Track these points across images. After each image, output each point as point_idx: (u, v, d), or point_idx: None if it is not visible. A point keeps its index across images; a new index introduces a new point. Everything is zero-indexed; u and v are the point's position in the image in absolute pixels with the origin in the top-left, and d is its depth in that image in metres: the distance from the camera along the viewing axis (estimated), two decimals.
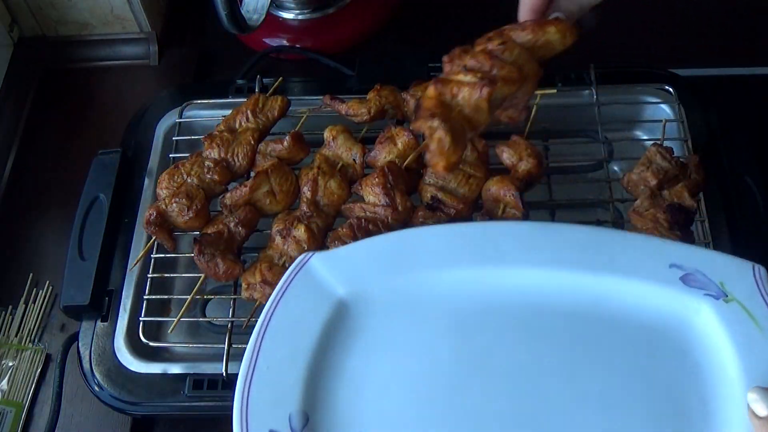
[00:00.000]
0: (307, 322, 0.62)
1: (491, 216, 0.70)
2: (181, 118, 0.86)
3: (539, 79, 0.60)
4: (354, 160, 0.77)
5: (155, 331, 0.80)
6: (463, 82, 0.56)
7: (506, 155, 0.75)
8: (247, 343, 0.74)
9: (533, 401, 0.58)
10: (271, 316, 0.62)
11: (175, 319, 0.72)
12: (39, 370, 0.80)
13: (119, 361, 0.73)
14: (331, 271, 0.64)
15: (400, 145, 0.74)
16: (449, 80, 0.57)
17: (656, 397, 0.58)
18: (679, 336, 0.61)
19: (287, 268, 0.71)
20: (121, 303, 0.76)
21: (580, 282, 0.62)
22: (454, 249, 0.65)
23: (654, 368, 0.60)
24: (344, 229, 0.70)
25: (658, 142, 0.74)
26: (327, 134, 0.78)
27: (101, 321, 0.76)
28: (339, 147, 0.78)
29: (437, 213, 0.71)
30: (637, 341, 0.61)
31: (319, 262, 0.65)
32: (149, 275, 0.76)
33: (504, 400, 0.58)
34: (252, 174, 0.76)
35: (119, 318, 0.75)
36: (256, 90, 0.86)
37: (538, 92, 0.79)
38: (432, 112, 0.55)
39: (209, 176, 0.76)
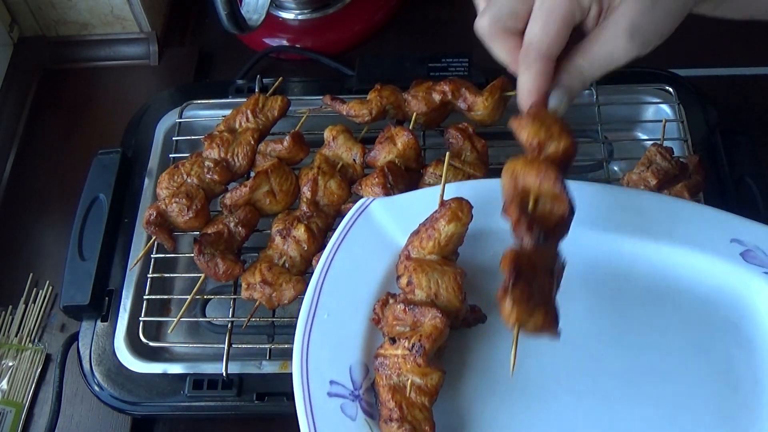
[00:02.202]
0: (367, 269, 0.59)
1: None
2: (181, 118, 0.86)
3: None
4: (354, 160, 0.77)
5: (155, 331, 0.80)
6: (397, 356, 0.54)
7: (525, 134, 0.53)
8: (247, 343, 0.74)
9: (586, 363, 0.57)
10: (330, 263, 0.59)
11: (175, 319, 0.72)
12: (39, 370, 0.80)
13: (119, 361, 0.73)
14: (392, 218, 0.61)
15: (400, 145, 0.74)
16: (385, 356, 0.55)
17: (708, 370, 0.57)
18: (735, 311, 0.60)
19: (287, 268, 0.71)
20: (121, 303, 0.76)
21: (639, 248, 0.61)
22: None
23: (707, 341, 0.59)
24: None
25: (658, 142, 0.74)
26: (327, 134, 0.78)
27: (101, 321, 0.76)
28: (339, 147, 0.78)
29: None
30: (692, 312, 0.60)
31: (379, 207, 0.62)
32: (149, 275, 0.76)
33: (557, 362, 0.57)
34: (252, 174, 0.76)
35: (119, 318, 0.76)
36: (256, 90, 0.86)
37: None
38: (390, 415, 0.53)
39: (209, 176, 0.76)
